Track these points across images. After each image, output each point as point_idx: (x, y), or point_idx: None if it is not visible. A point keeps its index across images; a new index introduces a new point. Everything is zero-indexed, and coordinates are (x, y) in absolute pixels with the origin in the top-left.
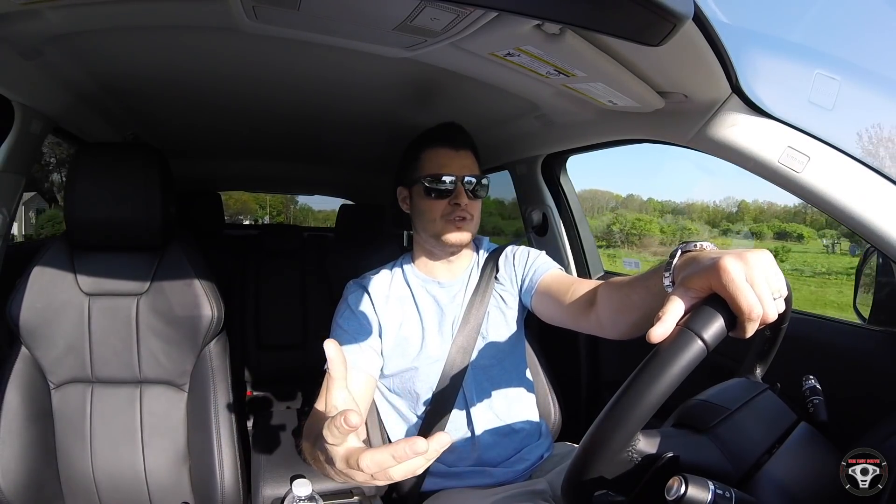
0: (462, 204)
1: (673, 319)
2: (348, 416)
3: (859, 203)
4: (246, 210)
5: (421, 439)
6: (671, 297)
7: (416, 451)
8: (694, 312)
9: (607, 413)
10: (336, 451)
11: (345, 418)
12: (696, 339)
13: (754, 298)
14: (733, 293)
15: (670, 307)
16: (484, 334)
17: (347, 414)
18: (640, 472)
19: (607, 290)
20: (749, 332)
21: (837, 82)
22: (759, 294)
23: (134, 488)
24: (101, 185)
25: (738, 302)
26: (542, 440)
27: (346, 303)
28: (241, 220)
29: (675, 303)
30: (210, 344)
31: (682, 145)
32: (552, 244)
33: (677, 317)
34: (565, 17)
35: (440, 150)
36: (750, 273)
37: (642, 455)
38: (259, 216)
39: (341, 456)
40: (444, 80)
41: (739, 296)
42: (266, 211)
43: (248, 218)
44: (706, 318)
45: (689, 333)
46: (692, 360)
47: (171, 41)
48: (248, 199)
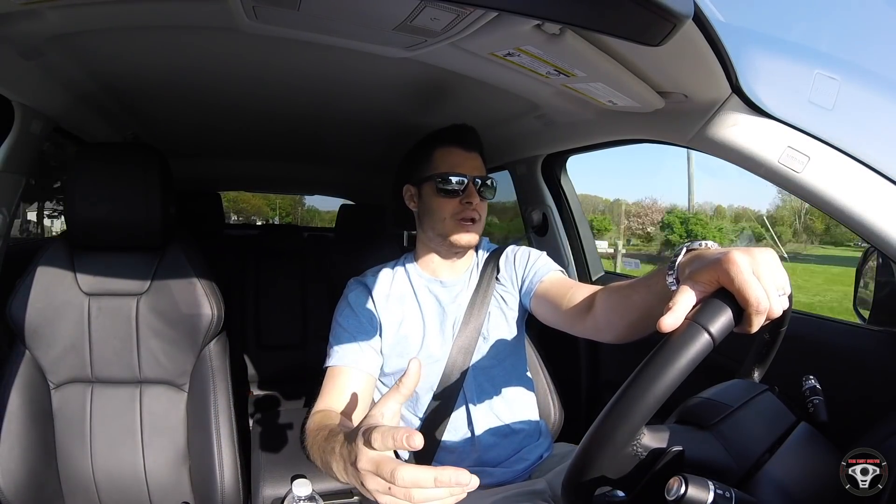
0: (473, 203)
1: (683, 310)
2: (413, 438)
3: (859, 203)
4: (259, 213)
5: (466, 472)
6: (681, 287)
7: (459, 482)
8: (702, 306)
9: (614, 404)
10: (366, 454)
11: (409, 438)
12: (704, 332)
13: (762, 291)
14: (741, 285)
15: (681, 298)
16: (485, 335)
17: (413, 436)
18: (643, 469)
19: (606, 293)
20: (755, 325)
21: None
22: (766, 287)
23: (134, 488)
24: (101, 185)
25: (745, 294)
26: (541, 440)
27: (347, 301)
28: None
29: (686, 293)
30: (210, 344)
31: (682, 145)
32: (552, 244)
33: (688, 307)
34: (565, 17)
35: (452, 149)
36: (756, 267)
37: (647, 450)
38: (270, 217)
39: (372, 459)
40: (444, 80)
41: (747, 287)
42: (276, 212)
43: (260, 219)
44: (714, 312)
45: (697, 326)
46: (699, 353)
47: (171, 41)
48: (261, 203)
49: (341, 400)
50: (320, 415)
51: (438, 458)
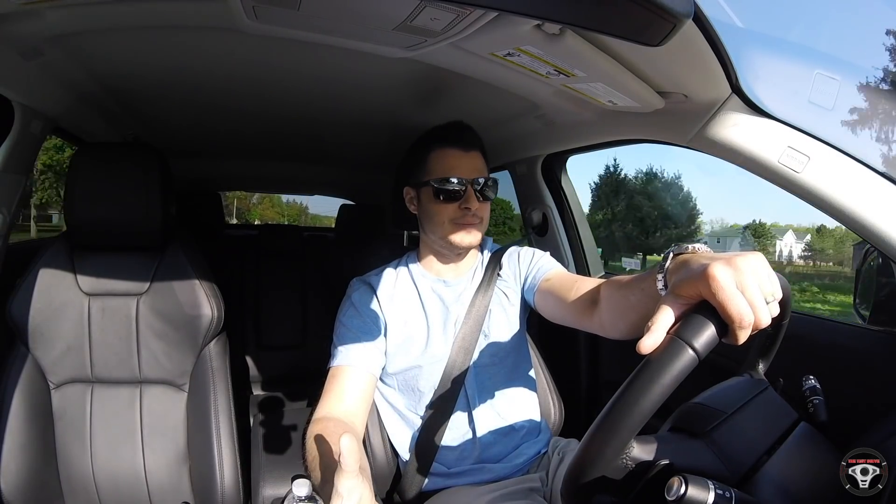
0: (472, 208)
1: (663, 329)
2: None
3: (859, 203)
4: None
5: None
6: (660, 306)
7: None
8: (684, 321)
9: (600, 423)
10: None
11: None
12: (687, 348)
13: (745, 306)
14: (723, 301)
15: (659, 317)
16: (486, 333)
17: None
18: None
19: (608, 290)
20: (741, 339)
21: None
22: (751, 300)
23: (134, 488)
24: (101, 185)
25: (727, 310)
26: (540, 436)
27: (351, 301)
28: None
29: (665, 312)
30: (210, 344)
31: (682, 145)
32: (552, 244)
33: (667, 326)
34: (565, 17)
35: (449, 150)
36: (740, 279)
37: (637, 462)
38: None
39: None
40: (444, 80)
41: (729, 304)
42: (285, 219)
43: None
44: (696, 327)
45: (680, 343)
46: (683, 369)
47: (172, 41)
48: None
49: (344, 400)
50: (319, 425)
51: (440, 457)
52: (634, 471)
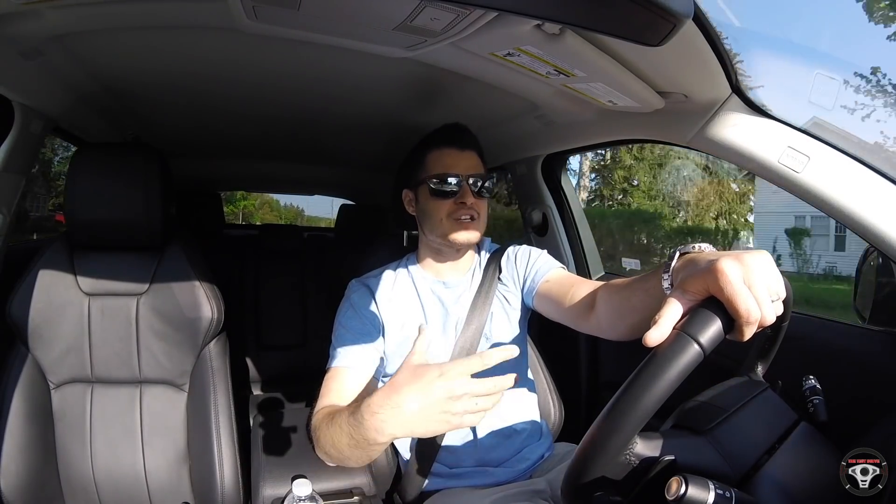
0: (468, 203)
1: (669, 323)
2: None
3: (859, 203)
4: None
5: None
6: (668, 299)
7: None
8: (691, 316)
9: (604, 417)
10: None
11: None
12: (693, 342)
13: (752, 302)
14: (730, 296)
15: (666, 311)
16: (487, 335)
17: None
18: (638, 475)
19: (607, 293)
20: (747, 335)
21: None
22: (757, 297)
23: (134, 488)
24: (101, 185)
25: (735, 305)
26: (542, 440)
27: (349, 301)
28: None
29: (672, 306)
30: (210, 344)
31: (682, 145)
32: (552, 244)
33: (674, 320)
34: (565, 17)
35: (445, 150)
36: (748, 275)
37: (640, 458)
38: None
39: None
40: (444, 80)
41: (737, 299)
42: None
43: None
44: (703, 322)
45: (686, 337)
46: (688, 364)
47: (171, 41)
48: (272, 217)
49: (342, 401)
50: (326, 409)
51: (440, 459)
52: (635, 470)
